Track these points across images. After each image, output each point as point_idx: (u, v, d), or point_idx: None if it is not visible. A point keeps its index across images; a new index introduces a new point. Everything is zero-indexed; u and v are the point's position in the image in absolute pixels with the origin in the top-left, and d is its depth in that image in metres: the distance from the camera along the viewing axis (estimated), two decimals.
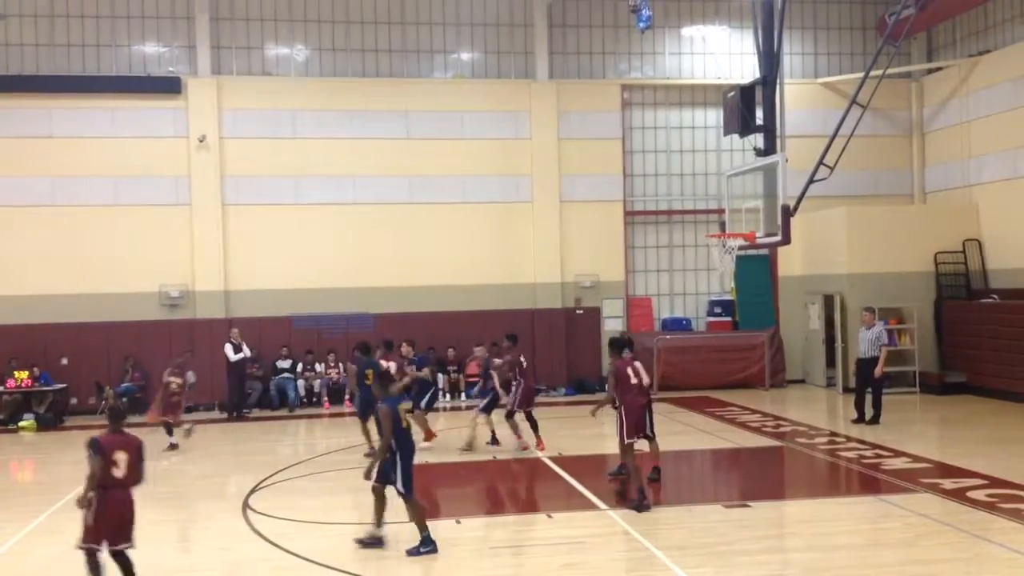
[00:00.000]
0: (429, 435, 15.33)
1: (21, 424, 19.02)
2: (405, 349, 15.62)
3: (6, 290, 20.45)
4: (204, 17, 21.48)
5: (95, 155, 20.96)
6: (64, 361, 20.52)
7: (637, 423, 11.39)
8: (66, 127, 20.93)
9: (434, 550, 9.34)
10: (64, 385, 20.18)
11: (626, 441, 11.33)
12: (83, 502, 7.79)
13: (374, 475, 9.50)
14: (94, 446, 7.79)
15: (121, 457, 7.82)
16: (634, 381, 11.44)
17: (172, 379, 15.86)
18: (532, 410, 14.91)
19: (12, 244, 20.59)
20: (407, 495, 9.42)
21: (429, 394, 15.53)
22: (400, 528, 9.86)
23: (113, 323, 20.67)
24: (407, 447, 9.44)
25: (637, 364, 11.72)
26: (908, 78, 23.84)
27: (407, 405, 10.74)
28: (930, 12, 20.50)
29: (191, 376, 16.36)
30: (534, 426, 14.82)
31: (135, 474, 7.93)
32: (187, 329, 21.04)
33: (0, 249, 20.54)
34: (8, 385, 19.51)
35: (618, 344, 11.94)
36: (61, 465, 15.24)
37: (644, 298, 23.54)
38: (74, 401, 20.46)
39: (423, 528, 9.42)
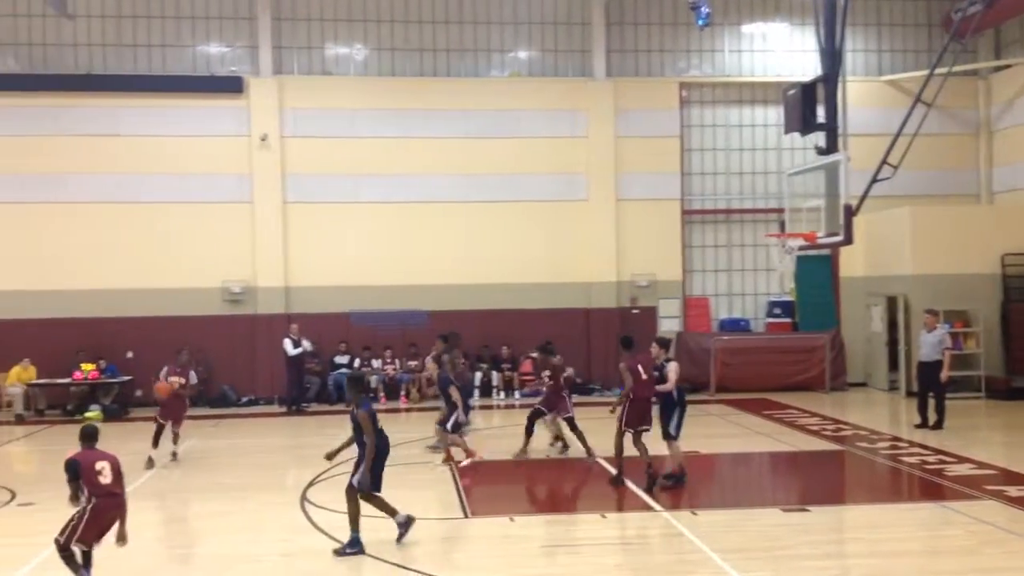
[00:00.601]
0: (469, 453, 13.93)
1: (87, 414, 19.49)
2: (431, 365, 14.93)
3: (74, 284, 21.01)
4: (266, 17, 21.82)
5: (160, 153, 21.42)
6: (130, 354, 21.01)
7: (639, 415, 12.04)
8: (132, 126, 21.41)
9: (360, 551, 9.36)
10: (130, 377, 20.68)
11: (622, 429, 12.07)
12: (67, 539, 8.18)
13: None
14: (70, 469, 8.16)
15: (103, 466, 8.23)
16: (644, 377, 12.07)
17: (176, 379, 14.62)
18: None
19: (80, 239, 21.14)
20: (356, 490, 9.60)
21: (454, 416, 13.95)
22: (441, 524, 9.87)
23: (177, 317, 21.10)
24: (381, 448, 9.77)
25: (645, 359, 12.40)
26: (975, 76, 23.27)
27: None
28: (998, 9, 19.98)
29: (193, 376, 15.69)
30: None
31: (119, 481, 8.31)
32: (248, 324, 21.42)
33: (69, 244, 21.10)
34: (76, 377, 20.05)
35: (626, 343, 12.94)
36: (124, 455, 15.43)
37: (701, 298, 23.33)
38: (139, 393, 20.87)
39: (356, 527, 9.50)
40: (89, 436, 8.54)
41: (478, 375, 21.52)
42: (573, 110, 22.57)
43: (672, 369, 12.10)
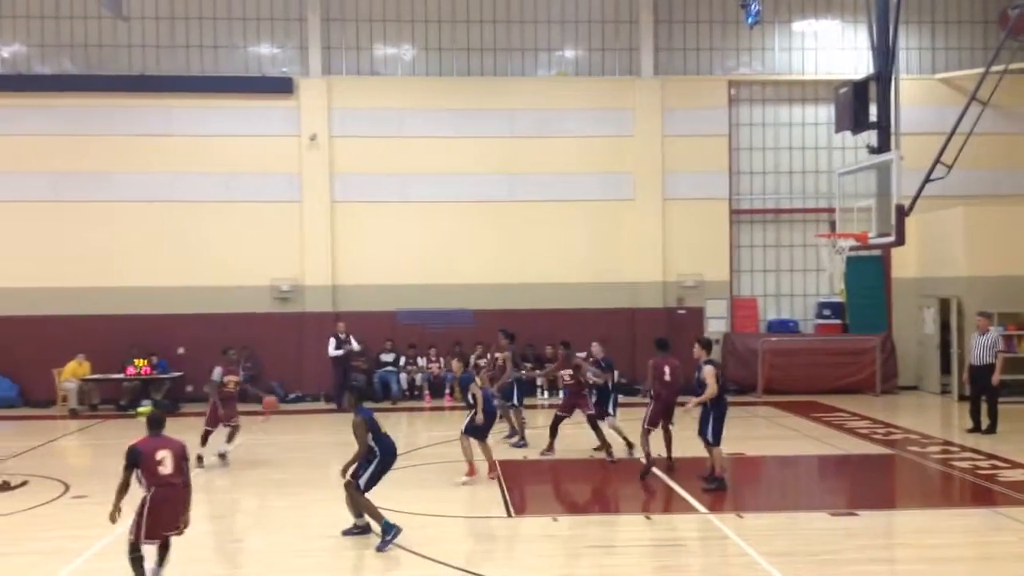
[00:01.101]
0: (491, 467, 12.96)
1: (139, 410, 19.84)
2: (457, 365, 13.80)
3: (127, 281, 21.42)
4: (315, 18, 22.05)
5: (211, 153, 21.76)
6: (181, 350, 21.37)
7: (664, 412, 12.75)
8: (184, 125, 21.77)
9: (397, 531, 9.56)
10: (181, 373, 21.04)
11: (646, 427, 12.62)
12: (113, 517, 8.18)
13: (350, 473, 9.89)
14: (129, 456, 8.19)
15: (164, 455, 8.19)
16: (668, 379, 12.72)
17: (230, 378, 14.44)
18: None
19: (133, 237, 21.54)
20: (360, 490, 9.84)
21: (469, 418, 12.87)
22: (484, 523, 9.89)
23: (227, 314, 21.39)
24: (386, 453, 9.93)
25: (674, 362, 12.95)
26: None
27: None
28: None
29: (243, 375, 15.53)
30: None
31: (181, 471, 8.26)
32: (296, 322, 21.67)
33: (122, 242, 21.51)
34: (128, 372, 20.44)
35: (662, 344, 13.33)
36: None
37: (749, 299, 23.10)
38: (190, 389, 21.26)
39: (378, 518, 9.67)
40: (154, 423, 8.51)
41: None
42: (620, 109, 22.48)
43: (708, 373, 11.93)
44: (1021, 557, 9.12)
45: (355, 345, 20.52)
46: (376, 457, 9.86)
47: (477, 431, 12.66)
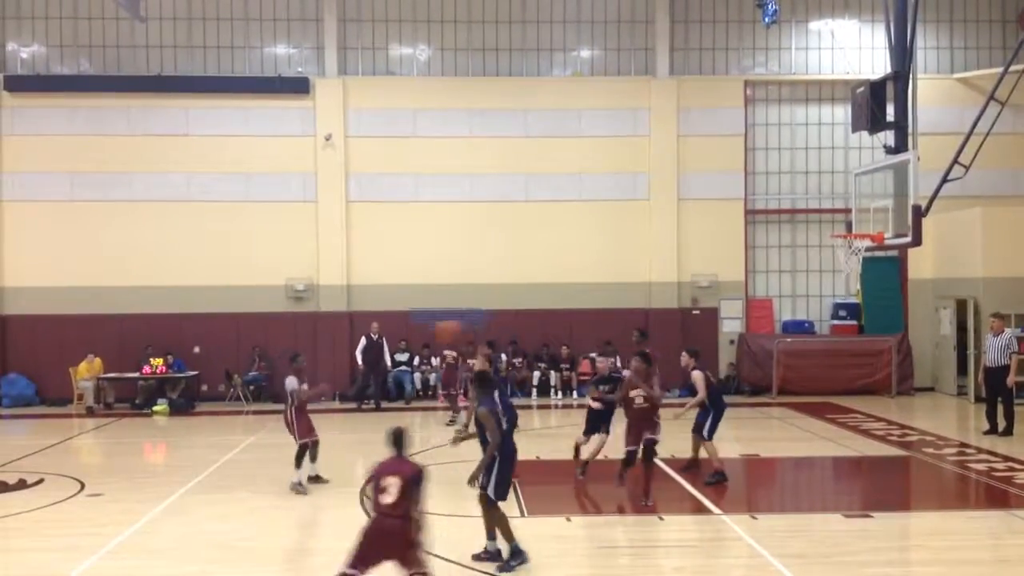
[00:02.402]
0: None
1: (155, 408, 19.99)
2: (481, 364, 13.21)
3: (144, 281, 21.56)
4: (332, 19, 22.13)
5: (228, 152, 21.88)
6: (196, 349, 21.51)
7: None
8: (201, 125, 21.89)
9: (523, 561, 8.80)
10: (196, 372, 21.17)
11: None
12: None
13: (480, 481, 9.00)
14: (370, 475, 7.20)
15: (390, 482, 6.93)
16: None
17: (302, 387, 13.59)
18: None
19: (150, 237, 21.68)
20: (493, 501, 8.93)
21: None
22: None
23: (242, 314, 21.52)
24: (507, 449, 9.04)
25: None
26: None
27: None
28: None
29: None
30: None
31: (404, 503, 6.90)
32: (311, 321, 21.74)
33: (139, 242, 21.66)
34: (144, 371, 20.56)
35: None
36: (192, 448, 15.98)
37: (764, 299, 23.02)
38: (205, 388, 21.41)
39: (510, 538, 8.92)
40: (393, 441, 7.25)
41: (536, 374, 21.55)
42: (635, 109, 22.45)
43: (697, 379, 12.29)
44: None
45: (388, 362, 20.81)
46: (496, 459, 8.85)
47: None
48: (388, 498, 6.86)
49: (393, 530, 6.86)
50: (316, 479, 12.57)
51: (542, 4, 22.68)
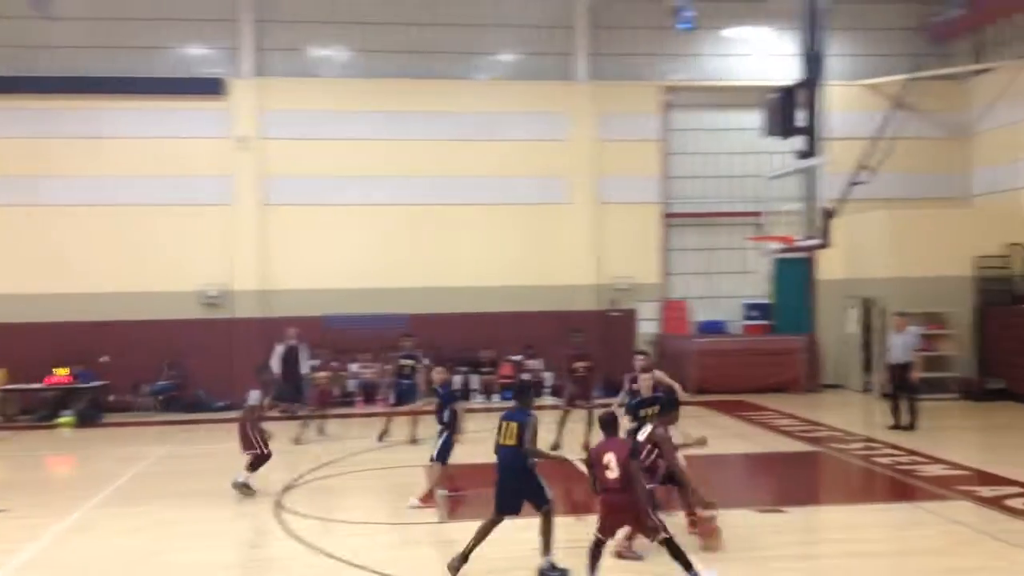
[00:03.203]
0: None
1: (60, 420, 19.31)
2: (439, 376, 12.39)
3: (51, 288, 20.86)
4: (248, 19, 21.78)
5: (139, 155, 21.34)
6: (104, 358, 20.84)
7: None
8: (112, 127, 21.31)
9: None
10: (103, 382, 20.52)
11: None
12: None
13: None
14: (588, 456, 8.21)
15: (610, 459, 7.94)
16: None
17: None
18: None
19: (58, 242, 21.00)
20: (551, 506, 8.69)
21: (442, 441, 11.54)
22: (416, 529, 9.76)
23: (152, 321, 21.00)
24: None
25: None
26: (955, 80, 23.40)
27: None
28: (977, 13, 20.19)
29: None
30: None
31: (626, 475, 7.90)
32: (225, 328, 21.32)
33: (46, 248, 20.96)
34: (48, 382, 19.84)
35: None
36: (99, 461, 15.51)
37: (680, 301, 23.40)
38: (113, 398, 20.78)
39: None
40: (605, 424, 8.26)
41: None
42: (555, 113, 22.60)
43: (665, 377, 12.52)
44: (940, 551, 9.35)
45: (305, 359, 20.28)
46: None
47: (448, 454, 11.48)
48: (612, 473, 7.88)
49: (623, 502, 7.90)
50: (244, 487, 12.22)
51: (462, 8, 22.66)
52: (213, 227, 21.45)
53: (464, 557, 8.66)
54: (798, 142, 16.82)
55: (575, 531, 9.83)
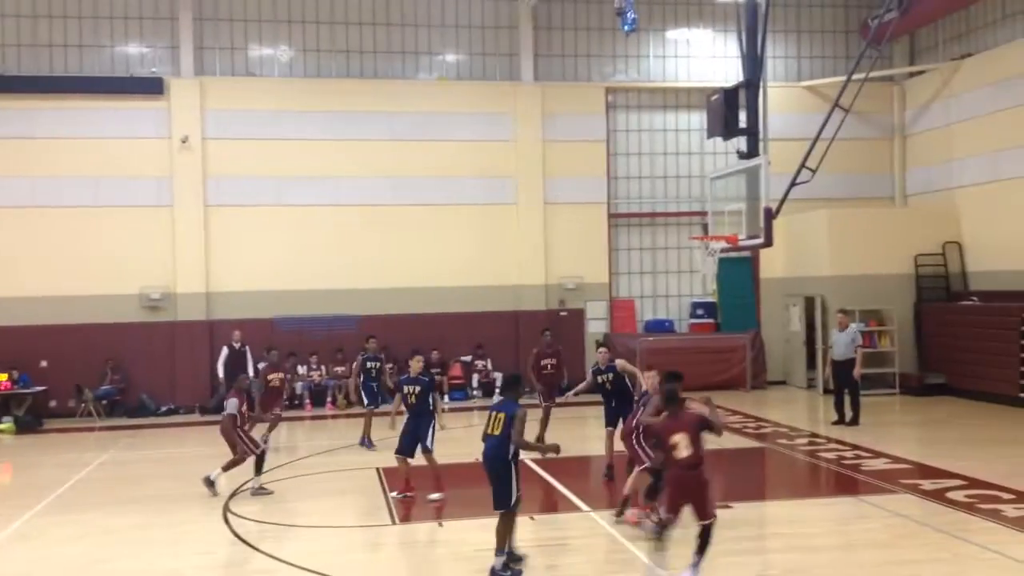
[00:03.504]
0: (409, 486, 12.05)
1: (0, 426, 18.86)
2: (416, 364, 12.53)
3: None
4: (187, 17, 21.41)
5: (76, 156, 20.84)
6: (43, 363, 20.38)
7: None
8: (47, 127, 20.80)
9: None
10: (43, 388, 20.04)
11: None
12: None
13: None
14: (655, 436, 8.41)
15: (679, 439, 8.02)
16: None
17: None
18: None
19: None
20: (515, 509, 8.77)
21: (432, 429, 12.06)
22: (367, 532, 9.74)
23: (93, 325, 20.56)
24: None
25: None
26: (890, 81, 23.99)
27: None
28: (912, 16, 20.67)
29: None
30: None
31: (697, 453, 8.05)
32: (167, 331, 20.96)
33: None
34: None
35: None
36: (40, 468, 15.15)
37: (627, 300, 23.60)
38: (53, 404, 20.32)
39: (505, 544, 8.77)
40: (670, 398, 8.32)
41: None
42: (501, 114, 22.62)
43: (627, 365, 12.80)
44: (885, 543, 9.56)
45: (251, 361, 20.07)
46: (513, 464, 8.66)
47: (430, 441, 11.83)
48: (683, 452, 7.95)
49: (693, 480, 8.03)
50: (211, 484, 12.29)
51: (406, 7, 22.57)
52: (154, 229, 21.06)
53: (509, 552, 8.77)
54: (740, 143, 17.02)
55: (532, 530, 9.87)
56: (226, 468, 12.37)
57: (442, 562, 9.35)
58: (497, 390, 13.94)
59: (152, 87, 21.18)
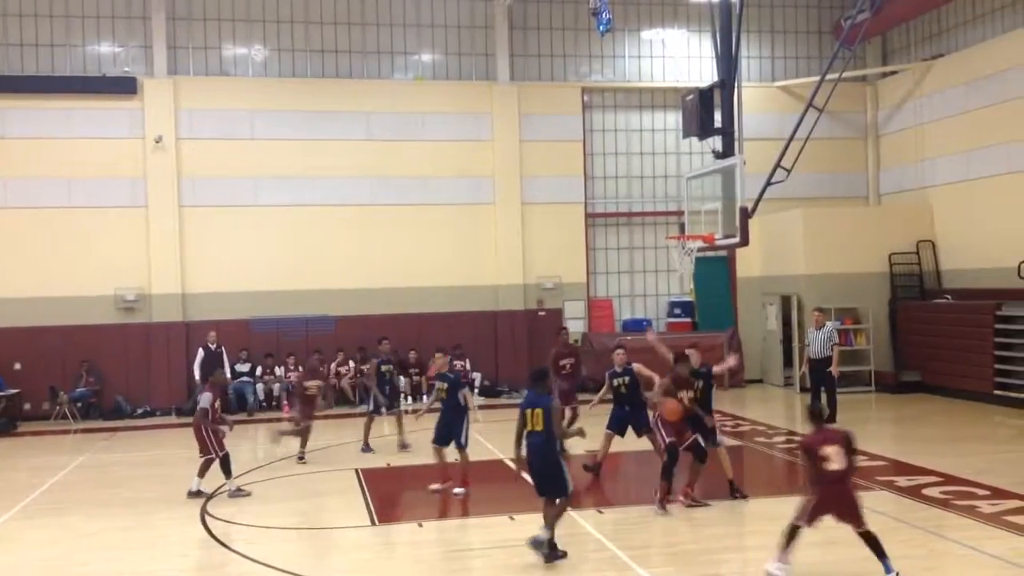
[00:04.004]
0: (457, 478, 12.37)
1: None
2: (441, 360, 13.00)
3: None
4: (160, 17, 21.23)
5: (49, 156, 20.62)
6: (17, 366, 20.16)
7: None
8: (19, 128, 20.58)
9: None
10: (17, 390, 19.82)
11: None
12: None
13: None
14: (803, 452, 8.26)
15: (831, 451, 8.03)
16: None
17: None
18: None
19: None
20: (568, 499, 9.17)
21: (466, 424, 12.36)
22: (349, 532, 9.72)
23: (67, 327, 20.36)
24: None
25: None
26: (863, 81, 24.21)
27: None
28: (884, 17, 20.85)
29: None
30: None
31: (850, 465, 8.10)
32: (143, 332, 20.80)
33: None
34: None
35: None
36: (15, 471, 15.00)
37: (605, 299, 23.66)
38: (28, 407, 20.10)
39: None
40: (815, 415, 8.41)
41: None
42: (478, 114, 22.61)
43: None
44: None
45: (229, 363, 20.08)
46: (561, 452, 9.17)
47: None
48: (836, 464, 8.00)
49: (844, 493, 8.10)
50: (198, 494, 12.12)
51: (382, 6, 22.50)
52: (129, 229, 20.88)
53: (551, 545, 8.96)
54: (715, 143, 17.08)
55: (511, 530, 9.88)
56: (226, 473, 12.27)
57: (422, 563, 9.34)
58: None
59: (125, 87, 20.99)
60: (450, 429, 12.14)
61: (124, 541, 10.42)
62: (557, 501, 9.05)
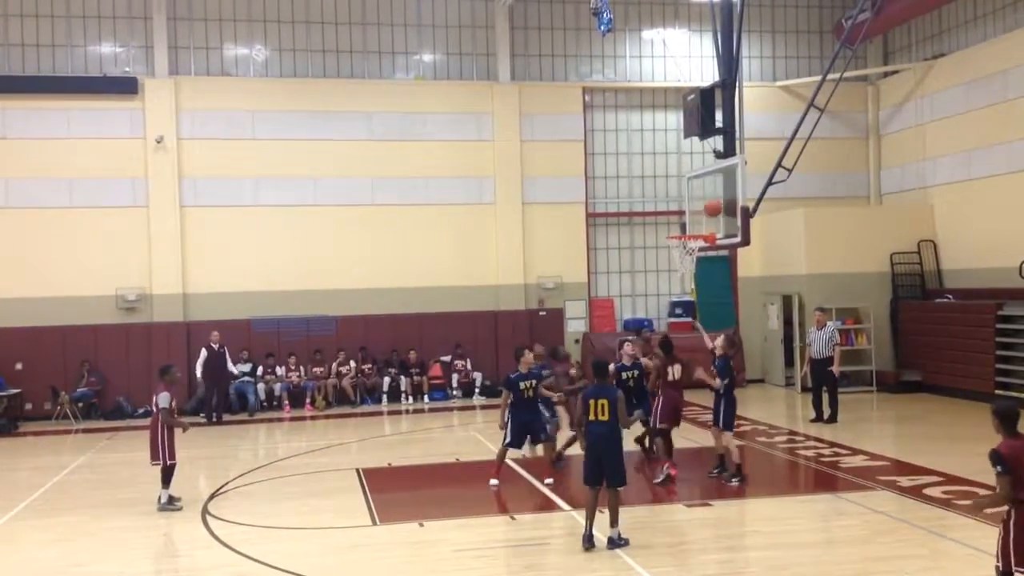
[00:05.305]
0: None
1: None
2: (540, 351, 13.75)
3: None
4: (161, 17, 21.24)
5: (50, 156, 20.63)
6: (19, 366, 20.16)
7: (671, 412, 12.91)
8: (20, 128, 20.59)
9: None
10: (19, 390, 19.83)
11: (659, 426, 12.73)
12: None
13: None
14: (995, 458, 6.68)
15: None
16: (671, 377, 13.11)
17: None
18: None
19: None
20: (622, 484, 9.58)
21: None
22: (349, 532, 9.71)
23: (69, 327, 20.37)
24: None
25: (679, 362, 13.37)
26: (865, 81, 24.19)
27: None
28: (885, 17, 20.84)
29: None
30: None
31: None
32: (144, 333, 20.80)
33: None
34: None
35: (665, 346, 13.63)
36: (16, 472, 15.00)
37: (606, 299, 23.65)
38: (29, 407, 20.10)
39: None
40: (1009, 417, 6.81)
41: (386, 380, 21.38)
42: (479, 114, 22.60)
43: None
44: (863, 540, 9.64)
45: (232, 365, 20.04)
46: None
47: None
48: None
49: None
50: (170, 502, 11.81)
51: (383, 7, 22.50)
52: (130, 230, 20.88)
53: (589, 539, 9.37)
54: (717, 142, 17.07)
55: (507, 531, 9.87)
56: (164, 484, 11.70)
57: (422, 562, 9.33)
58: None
59: (126, 87, 21.00)
60: (532, 426, 12.48)
61: (125, 541, 10.41)
62: (613, 492, 9.44)
